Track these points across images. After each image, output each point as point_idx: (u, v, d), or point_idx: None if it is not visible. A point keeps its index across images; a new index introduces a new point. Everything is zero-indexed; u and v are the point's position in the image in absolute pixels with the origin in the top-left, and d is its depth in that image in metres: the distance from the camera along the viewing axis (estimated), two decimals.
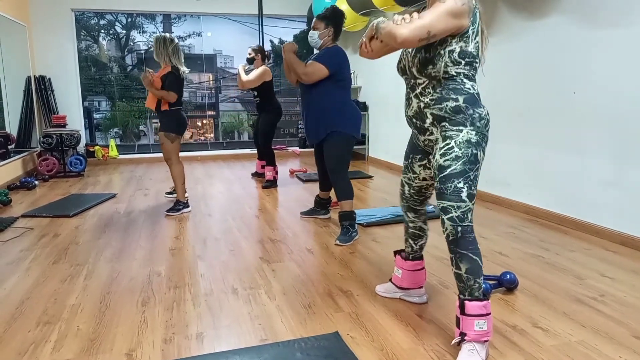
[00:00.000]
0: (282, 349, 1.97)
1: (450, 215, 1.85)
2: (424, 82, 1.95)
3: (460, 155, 1.86)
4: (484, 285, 1.91)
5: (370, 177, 5.98)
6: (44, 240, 3.51)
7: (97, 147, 7.36)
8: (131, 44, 9.14)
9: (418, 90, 1.98)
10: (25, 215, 4.18)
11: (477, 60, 1.92)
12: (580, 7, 3.51)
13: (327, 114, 3.39)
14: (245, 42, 8.84)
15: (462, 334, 1.83)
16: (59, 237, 3.60)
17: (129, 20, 8.91)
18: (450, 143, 1.88)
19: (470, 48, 1.87)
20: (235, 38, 9.19)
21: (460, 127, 1.88)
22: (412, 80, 2.00)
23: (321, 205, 4.04)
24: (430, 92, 1.93)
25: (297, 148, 8.01)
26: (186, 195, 4.37)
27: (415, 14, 1.80)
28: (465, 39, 1.85)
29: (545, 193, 3.93)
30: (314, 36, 3.46)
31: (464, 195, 1.85)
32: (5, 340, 2.08)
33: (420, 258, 2.37)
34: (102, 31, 8.94)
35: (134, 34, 9.10)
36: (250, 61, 5.48)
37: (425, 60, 1.90)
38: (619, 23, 3.22)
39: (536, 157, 4.00)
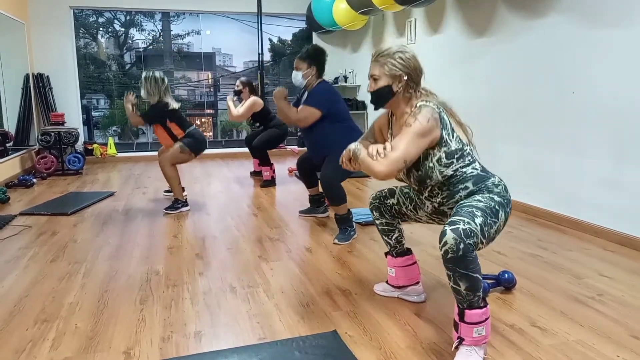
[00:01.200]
0: (280, 348, 1.97)
1: (457, 227, 1.71)
2: (427, 188, 2.03)
3: (483, 201, 1.87)
4: (482, 284, 1.91)
5: (367, 176, 5.98)
6: (42, 238, 3.51)
7: (95, 145, 7.35)
8: (130, 41, 9.12)
9: (426, 194, 2.06)
10: (23, 213, 4.18)
11: (466, 148, 1.98)
12: (579, 7, 3.51)
13: (329, 147, 3.40)
14: (245, 40, 8.84)
15: (460, 339, 1.82)
16: (57, 235, 3.60)
17: (128, 18, 8.89)
18: (476, 197, 1.92)
19: (453, 146, 1.94)
20: (234, 36, 9.18)
21: (479, 193, 1.93)
22: (416, 187, 2.08)
23: (317, 202, 4.04)
24: (439, 193, 2.01)
25: (295, 147, 8.00)
26: (185, 193, 4.37)
27: (388, 145, 1.86)
28: (444, 143, 1.92)
29: (544, 192, 3.93)
30: (297, 77, 3.51)
31: (477, 220, 1.77)
32: (3, 339, 2.08)
33: (408, 253, 2.38)
34: (101, 29, 8.92)
35: (133, 31, 9.08)
36: (237, 93, 5.52)
37: (420, 178, 1.99)
38: (618, 23, 3.22)
39: (535, 157, 4.00)
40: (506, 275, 2.52)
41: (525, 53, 4.04)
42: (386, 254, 2.44)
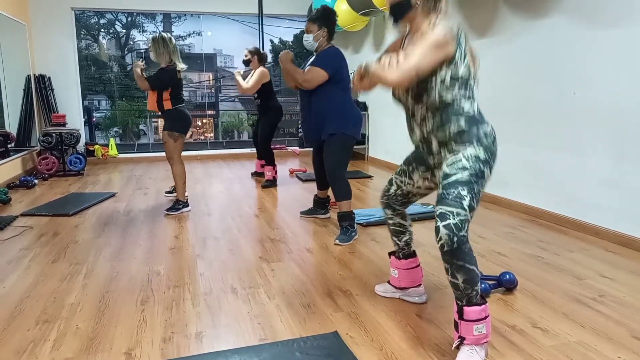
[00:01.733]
0: (281, 349, 1.97)
1: (448, 222, 1.77)
2: (422, 110, 1.96)
3: (468, 167, 1.85)
4: (482, 285, 1.91)
5: (369, 177, 5.99)
6: (44, 239, 3.51)
7: (96, 146, 7.36)
8: (131, 43, 9.14)
9: (418, 118, 2.00)
10: (24, 214, 4.18)
11: (472, 79, 1.93)
12: (580, 7, 3.51)
13: (328, 116, 3.39)
14: (246, 41, 8.84)
15: (461, 338, 1.82)
16: (59, 236, 3.60)
17: (129, 19, 8.91)
18: (458, 156, 1.88)
19: (461, 71, 1.87)
20: (235, 37, 9.19)
21: (467, 144, 1.89)
22: (410, 109, 2.02)
23: (320, 205, 4.04)
24: (430, 119, 1.95)
25: (296, 148, 8.00)
26: (186, 194, 4.37)
27: (401, 54, 1.80)
28: (454, 64, 1.86)
29: (545, 193, 3.93)
30: (309, 39, 3.47)
31: (465, 203, 1.80)
32: (5, 339, 2.08)
33: (413, 255, 2.37)
34: (102, 30, 8.94)
35: (134, 33, 9.10)
36: (246, 63, 5.48)
37: (419, 92, 1.92)
38: (619, 23, 3.22)
39: (535, 157, 4.00)
40: (507, 276, 2.52)
41: (526, 53, 4.04)
42: (390, 254, 2.43)
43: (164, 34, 4.11)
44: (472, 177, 1.84)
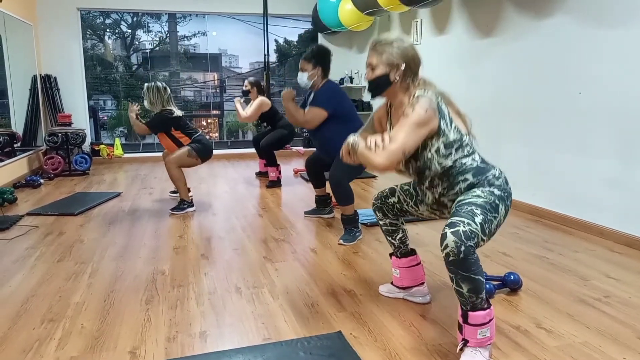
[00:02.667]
0: (285, 348, 1.97)
1: (457, 229, 1.70)
2: (427, 179, 2.02)
3: (482, 196, 1.86)
4: (487, 286, 1.91)
5: (374, 177, 5.98)
6: (49, 239, 3.53)
7: (102, 146, 7.39)
8: (136, 43, 9.17)
9: (426, 185, 2.05)
10: (30, 214, 4.21)
11: (465, 138, 1.96)
12: (585, 7, 3.49)
13: (334, 145, 3.40)
14: (251, 41, 8.86)
15: (465, 341, 1.81)
16: (64, 235, 3.62)
17: (135, 19, 8.93)
18: (475, 191, 1.90)
19: (452, 137, 1.92)
20: (240, 37, 9.19)
21: (479, 187, 1.92)
22: (416, 179, 2.08)
23: (323, 204, 4.04)
24: (439, 184, 2.00)
25: (301, 147, 8.00)
26: (190, 194, 4.38)
27: (386, 137, 1.85)
28: (442, 134, 1.91)
29: (550, 193, 3.91)
30: (302, 78, 3.52)
31: (477, 219, 1.75)
32: (10, 338, 2.10)
33: (412, 253, 2.37)
34: (108, 30, 8.97)
35: (140, 33, 9.13)
36: (245, 93, 5.55)
37: (419, 169, 1.99)
38: (624, 22, 3.20)
39: (540, 157, 3.99)
40: (512, 276, 2.51)
41: (532, 53, 4.02)
42: (391, 254, 2.43)
43: (159, 84, 4.17)
44: (486, 204, 1.83)
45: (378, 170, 1.86)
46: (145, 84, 4.18)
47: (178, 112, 4.18)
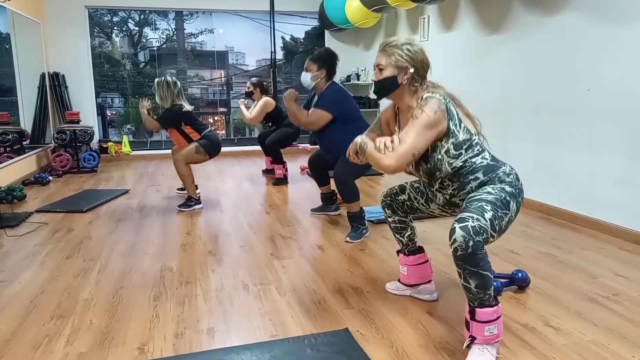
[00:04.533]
0: (292, 345, 1.98)
1: (466, 224, 1.70)
2: (438, 180, 2.01)
3: (494, 193, 1.86)
4: (495, 283, 1.90)
5: (380, 174, 5.97)
6: (58, 235, 3.56)
7: (110, 143, 7.43)
8: (144, 40, 9.20)
9: (436, 186, 2.04)
10: (39, 211, 4.24)
11: (474, 138, 1.96)
12: (593, 3, 3.46)
13: (338, 145, 3.40)
14: (257, 38, 8.85)
15: (472, 338, 1.81)
16: (73, 232, 3.65)
17: (142, 17, 8.96)
18: (486, 188, 1.90)
19: (461, 137, 1.92)
20: (247, 35, 9.20)
21: (490, 184, 1.92)
22: (426, 180, 2.07)
23: (329, 201, 4.04)
24: (449, 185, 1.99)
25: (307, 145, 8.01)
26: (197, 191, 4.40)
27: (395, 138, 1.84)
28: (452, 134, 1.90)
29: (558, 191, 3.89)
30: (306, 78, 3.52)
31: (487, 215, 1.75)
32: (20, 333, 2.12)
33: (420, 251, 2.37)
34: (115, 28, 9.00)
35: (147, 30, 9.16)
36: (248, 95, 5.55)
37: (429, 170, 1.98)
38: (633, 19, 3.17)
39: (549, 155, 3.96)
40: (520, 274, 2.50)
41: (540, 50, 4.00)
42: (398, 252, 2.43)
43: (168, 78, 4.15)
44: (497, 201, 1.83)
45: (387, 172, 1.85)
46: (156, 79, 4.18)
47: (188, 107, 4.18)
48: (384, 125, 2.24)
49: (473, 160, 1.93)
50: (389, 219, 2.34)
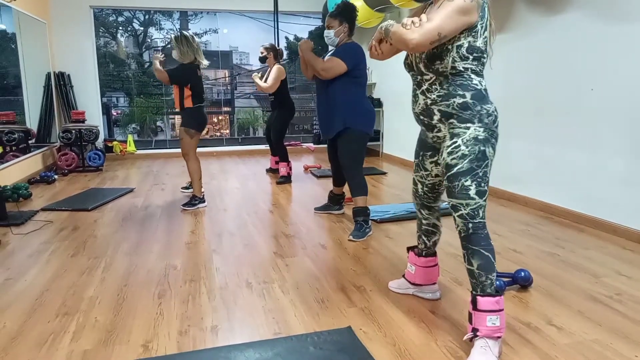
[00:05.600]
0: (295, 343, 1.99)
1: (460, 212, 1.86)
2: (430, 78, 1.94)
3: (467, 153, 1.84)
4: (497, 282, 1.91)
5: (384, 173, 5.98)
6: (63, 233, 3.58)
7: (115, 143, 7.47)
8: (149, 40, 9.23)
9: (425, 87, 1.97)
10: (45, 209, 4.27)
11: (485, 55, 1.90)
12: (597, 2, 3.45)
13: (342, 110, 3.39)
14: (261, 39, 8.87)
15: (475, 330, 1.82)
16: (78, 230, 3.67)
17: (147, 17, 9.00)
18: (457, 141, 1.87)
19: (479, 43, 1.86)
20: (251, 35, 9.23)
21: (468, 124, 1.86)
22: (419, 77, 1.99)
23: (335, 201, 4.05)
24: (437, 89, 1.92)
25: (311, 144, 8.02)
26: (202, 190, 4.42)
27: (423, 17, 1.79)
28: (473, 33, 1.84)
29: (561, 190, 3.88)
30: (330, 35, 3.46)
31: (472, 192, 1.84)
32: (26, 331, 2.14)
33: (434, 255, 2.36)
34: (120, 28, 9.05)
35: (152, 30, 9.20)
36: (262, 60, 5.51)
37: (433, 56, 1.89)
38: (637, 18, 3.16)
39: (552, 154, 3.96)
40: (522, 273, 2.51)
41: (543, 49, 3.99)
42: (410, 249, 2.42)
43: (185, 32, 4.14)
44: (472, 162, 1.84)
45: (409, 47, 1.77)
46: (172, 35, 4.16)
47: (205, 62, 4.18)
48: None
49: (472, 75, 1.88)
50: (424, 221, 2.28)
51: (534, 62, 4.10)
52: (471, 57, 1.86)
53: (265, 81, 5.38)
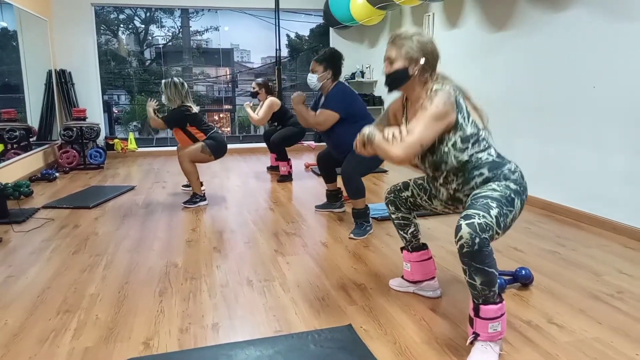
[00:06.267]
0: (296, 341, 1.99)
1: (472, 221, 1.70)
2: (442, 173, 2.01)
3: (499, 190, 1.85)
4: (499, 280, 1.90)
5: (385, 171, 5.97)
6: (65, 231, 3.59)
7: (116, 140, 7.47)
8: (150, 38, 9.23)
9: (440, 181, 2.04)
10: (46, 207, 4.27)
11: (481, 133, 1.96)
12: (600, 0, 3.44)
13: (346, 143, 3.39)
14: (262, 36, 8.87)
15: (475, 334, 1.81)
16: (79, 228, 3.68)
17: (148, 14, 8.99)
18: (491, 185, 1.89)
19: (469, 131, 1.91)
20: (252, 32, 9.21)
21: (495, 181, 1.91)
22: (430, 174, 2.07)
23: (334, 198, 4.05)
24: (454, 179, 1.99)
25: (312, 142, 8.01)
26: (203, 188, 4.42)
27: (403, 129, 1.84)
28: (459, 128, 1.90)
29: (563, 188, 3.88)
30: (312, 79, 3.52)
31: (492, 212, 1.75)
32: (27, 328, 2.14)
33: (424, 247, 2.37)
34: (122, 25, 9.04)
35: (153, 28, 9.19)
36: (254, 95, 5.57)
37: (435, 163, 1.97)
38: (639, 15, 3.16)
39: (554, 152, 3.95)
40: (523, 271, 2.51)
41: (545, 47, 3.98)
42: (402, 248, 2.44)
43: (176, 80, 4.20)
44: (502, 198, 1.83)
45: (394, 162, 1.85)
46: (163, 80, 4.22)
47: (195, 109, 4.22)
48: (392, 117, 2.24)
49: (479, 155, 1.93)
50: (393, 216, 2.34)
51: (536, 59, 4.09)
52: (469, 145, 1.92)
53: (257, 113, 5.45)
